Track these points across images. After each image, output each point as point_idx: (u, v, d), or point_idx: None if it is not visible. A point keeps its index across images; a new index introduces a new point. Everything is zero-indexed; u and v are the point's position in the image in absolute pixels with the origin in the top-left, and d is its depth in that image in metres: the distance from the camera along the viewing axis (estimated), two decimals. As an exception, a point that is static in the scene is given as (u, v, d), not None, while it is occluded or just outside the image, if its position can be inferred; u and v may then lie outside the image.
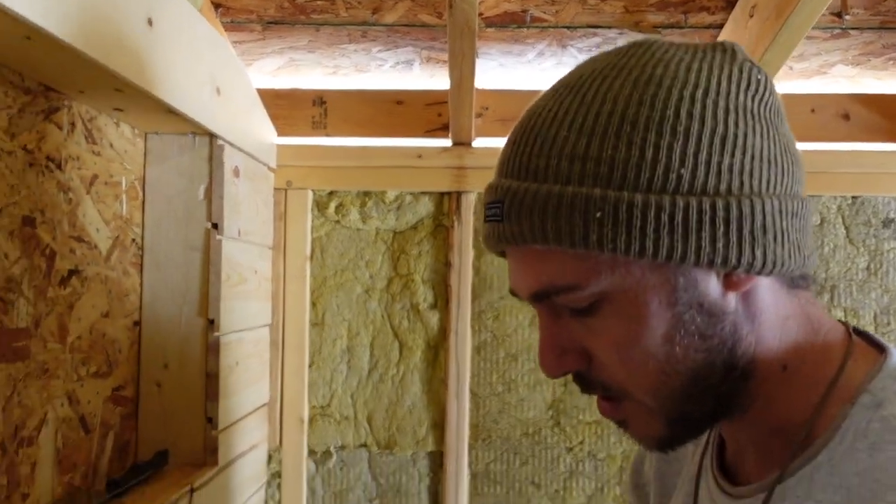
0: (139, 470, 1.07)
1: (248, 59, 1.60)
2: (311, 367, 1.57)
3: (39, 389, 0.94)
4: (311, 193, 1.58)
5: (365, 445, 1.56)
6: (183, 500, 1.07)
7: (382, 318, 1.57)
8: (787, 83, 1.60)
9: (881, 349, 0.57)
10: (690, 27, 1.44)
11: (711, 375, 0.55)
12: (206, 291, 1.22)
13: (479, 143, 1.63)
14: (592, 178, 0.51)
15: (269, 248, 1.52)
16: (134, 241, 1.20)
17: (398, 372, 1.56)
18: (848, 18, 1.36)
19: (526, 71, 1.62)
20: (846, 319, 1.53)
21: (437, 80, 1.64)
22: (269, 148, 1.53)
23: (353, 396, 1.57)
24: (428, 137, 1.60)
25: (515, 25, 1.44)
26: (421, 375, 1.56)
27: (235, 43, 1.53)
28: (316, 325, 1.57)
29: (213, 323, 1.22)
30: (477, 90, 1.56)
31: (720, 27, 1.43)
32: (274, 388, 1.54)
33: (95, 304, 1.07)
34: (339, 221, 1.59)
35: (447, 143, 1.59)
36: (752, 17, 1.29)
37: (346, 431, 1.56)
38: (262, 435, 1.49)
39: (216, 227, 1.23)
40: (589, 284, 0.53)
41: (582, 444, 1.55)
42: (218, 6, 1.40)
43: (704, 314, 0.54)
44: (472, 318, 1.55)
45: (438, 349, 1.56)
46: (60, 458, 0.98)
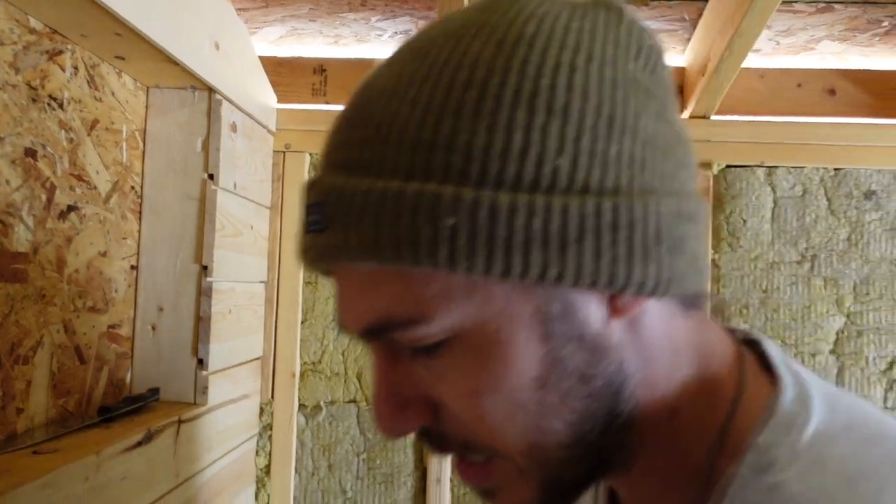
0: (131, 401, 1.12)
1: (251, 27, 1.65)
2: (303, 324, 1.62)
3: (36, 314, 1.00)
4: (308, 157, 1.64)
5: (354, 401, 1.61)
6: (170, 429, 1.13)
7: (374, 278, 1.62)
8: (774, 58, 1.63)
9: (775, 376, 0.47)
10: (677, -1, 1.48)
11: (594, 426, 0.44)
12: (201, 239, 1.28)
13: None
14: (442, 171, 0.38)
15: (266, 207, 1.58)
16: (133, 188, 1.25)
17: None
18: (830, -9, 1.40)
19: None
20: (826, 289, 1.56)
21: (433, 50, 1.68)
22: (269, 111, 1.59)
23: (343, 354, 1.62)
24: (423, 106, 1.65)
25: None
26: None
27: (239, 10, 1.58)
28: (309, 283, 1.62)
29: (206, 269, 1.27)
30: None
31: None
32: (268, 343, 1.59)
33: (94, 241, 1.13)
34: (334, 184, 1.64)
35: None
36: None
37: (335, 387, 1.61)
38: (254, 387, 1.54)
39: (212, 177, 1.28)
40: (437, 315, 0.41)
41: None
42: (221, -29, 1.46)
43: (586, 349, 0.42)
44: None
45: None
46: (55, 382, 1.04)
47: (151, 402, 1.19)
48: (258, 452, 1.59)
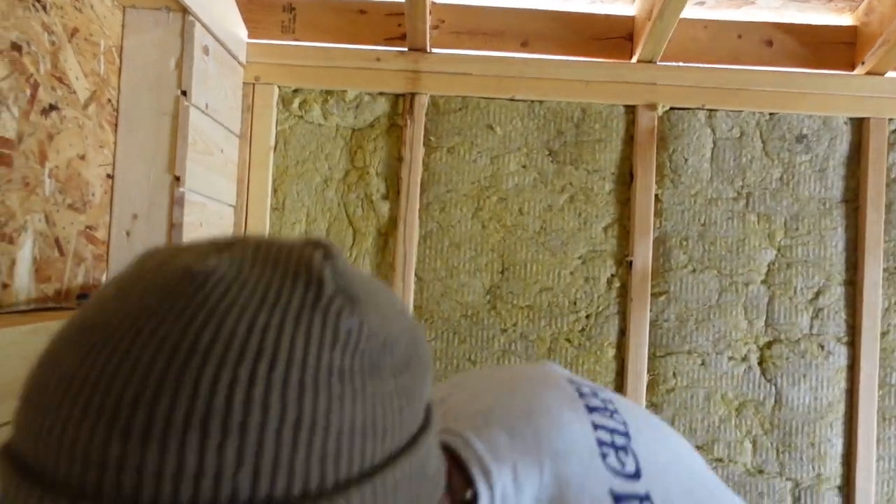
0: (107, 294, 1.20)
1: (223, -36, 1.72)
2: (270, 247, 1.70)
3: (21, 199, 1.07)
4: (276, 89, 1.71)
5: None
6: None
7: (339, 206, 1.71)
8: (717, 11, 1.75)
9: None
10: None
11: None
12: (174, 152, 1.35)
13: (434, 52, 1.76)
14: (113, 491, 0.35)
15: (236, 135, 1.65)
16: (110, 101, 1.32)
17: (351, 256, 1.70)
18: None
19: (481, -12, 1.75)
20: (759, 224, 1.69)
21: (398, -8, 1.77)
22: (239, 43, 1.66)
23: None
24: (387, 46, 1.73)
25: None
26: (372, 260, 1.70)
27: (212, -54, 1.65)
28: (276, 209, 1.70)
29: (178, 179, 1.35)
30: (434, 4, 1.69)
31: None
32: (235, 266, 1.67)
33: (73, 143, 1.20)
34: (302, 117, 1.72)
35: (405, 49, 1.72)
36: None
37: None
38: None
39: (185, 94, 1.36)
40: None
41: (515, 326, 1.69)
42: None
43: None
44: (420, 209, 1.70)
45: (388, 236, 1.70)
46: (37, 266, 1.11)
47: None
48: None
